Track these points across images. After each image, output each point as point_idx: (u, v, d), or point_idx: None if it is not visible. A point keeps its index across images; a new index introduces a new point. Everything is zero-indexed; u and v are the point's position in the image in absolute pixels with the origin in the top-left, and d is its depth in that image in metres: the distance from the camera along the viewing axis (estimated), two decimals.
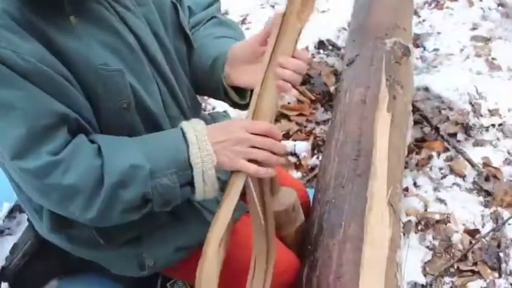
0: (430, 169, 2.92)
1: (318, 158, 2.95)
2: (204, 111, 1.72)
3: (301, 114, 3.23)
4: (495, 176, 2.84)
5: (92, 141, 1.40)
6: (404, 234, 2.47)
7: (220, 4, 1.91)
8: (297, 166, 2.96)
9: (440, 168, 2.93)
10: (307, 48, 3.68)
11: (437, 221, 2.64)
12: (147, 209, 1.43)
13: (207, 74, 1.69)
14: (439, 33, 3.90)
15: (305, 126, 3.17)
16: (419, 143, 3.04)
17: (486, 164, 2.91)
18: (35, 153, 1.32)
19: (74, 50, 1.37)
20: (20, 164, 1.33)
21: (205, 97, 2.16)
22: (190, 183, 1.45)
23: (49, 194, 1.37)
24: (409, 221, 2.61)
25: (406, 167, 2.75)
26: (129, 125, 1.50)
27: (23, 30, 1.31)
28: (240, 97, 1.69)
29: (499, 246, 2.52)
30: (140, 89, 1.49)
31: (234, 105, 1.73)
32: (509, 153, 3.00)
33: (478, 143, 3.06)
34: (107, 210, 1.37)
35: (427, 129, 3.12)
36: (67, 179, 1.33)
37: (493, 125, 3.15)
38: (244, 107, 1.71)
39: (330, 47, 3.78)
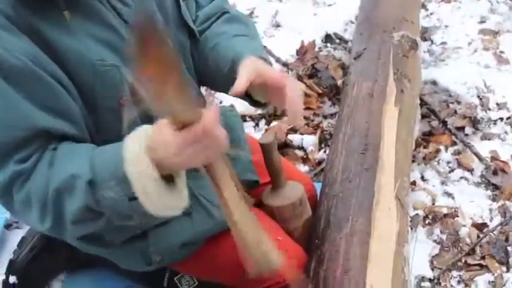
0: (438, 163, 2.91)
1: (325, 152, 2.94)
2: None
3: (308, 108, 3.22)
4: (503, 170, 2.82)
5: (55, 149, 1.34)
6: (411, 228, 2.46)
7: None
8: (304, 160, 2.95)
9: (448, 162, 2.92)
10: (314, 41, 3.67)
11: (445, 215, 2.64)
12: (103, 222, 1.33)
13: (225, 78, 1.61)
14: (446, 26, 3.88)
15: (312, 120, 3.16)
16: (426, 137, 3.03)
17: (494, 157, 2.89)
18: (2, 164, 1.30)
19: (69, 47, 1.35)
20: None
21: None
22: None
23: (11, 204, 1.33)
24: (417, 215, 2.61)
25: (413, 161, 2.75)
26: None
27: (15, 27, 1.30)
28: (261, 97, 1.64)
29: (507, 240, 2.52)
30: None
31: (254, 103, 1.69)
32: None
33: (486, 137, 3.05)
34: (59, 221, 1.31)
35: (434, 122, 3.10)
36: (25, 188, 1.29)
37: (501, 119, 3.14)
38: (264, 105, 1.70)
39: (337, 41, 3.77)
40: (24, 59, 1.28)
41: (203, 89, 1.88)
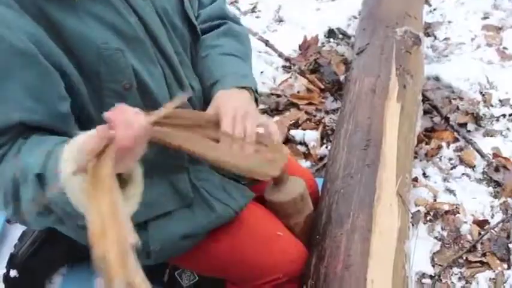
0: (440, 159, 2.90)
1: (327, 147, 2.93)
2: None
3: (310, 103, 3.22)
4: (505, 167, 2.82)
5: (26, 139, 1.33)
6: (413, 225, 2.46)
7: (225, 1, 1.91)
8: (306, 155, 2.95)
9: (450, 159, 2.91)
10: (317, 36, 3.66)
11: (446, 212, 2.63)
12: (55, 218, 1.31)
13: (205, 90, 1.70)
14: (450, 22, 3.86)
15: (314, 116, 3.15)
16: (429, 133, 3.02)
17: (496, 154, 2.89)
18: None
19: (75, 29, 1.36)
20: None
21: None
22: None
23: None
24: (418, 211, 2.60)
25: (415, 157, 2.75)
26: None
27: (21, 8, 1.31)
28: None
29: (508, 237, 2.51)
30: (142, 70, 1.48)
31: None
32: None
33: (488, 133, 3.04)
34: (17, 210, 1.30)
35: (437, 119, 3.09)
36: None
37: (504, 115, 3.13)
38: None
39: (340, 36, 3.75)
40: (26, 40, 1.29)
41: None
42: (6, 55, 1.29)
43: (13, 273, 2.08)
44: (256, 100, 1.70)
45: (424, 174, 2.83)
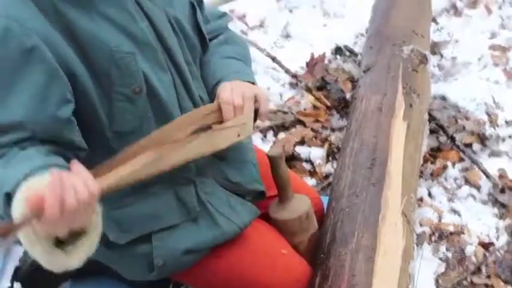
0: (445, 179, 2.89)
1: (332, 165, 2.93)
2: None
3: (316, 121, 3.21)
4: (510, 188, 2.81)
5: (22, 149, 1.31)
6: (417, 245, 2.45)
7: (229, 18, 1.96)
8: (311, 173, 2.94)
9: (455, 179, 2.91)
10: (324, 54, 3.66)
11: (451, 233, 2.62)
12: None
13: (211, 93, 1.71)
14: (457, 41, 3.87)
15: (320, 133, 3.15)
16: (434, 153, 3.01)
17: (502, 175, 2.88)
18: None
19: (89, 30, 1.38)
20: None
21: None
22: None
23: None
24: (423, 231, 2.59)
25: (420, 177, 2.74)
26: (140, 114, 1.50)
27: (35, 5, 1.32)
28: None
29: None
30: (152, 75, 1.49)
31: None
32: None
33: (494, 154, 3.03)
34: None
35: (442, 138, 3.09)
36: None
37: (510, 136, 3.12)
38: None
39: (347, 53, 3.76)
40: (37, 40, 1.31)
41: None
42: (16, 52, 1.30)
43: (17, 286, 2.08)
44: None
45: (429, 194, 2.82)
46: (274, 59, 3.58)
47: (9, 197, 1.19)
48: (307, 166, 2.98)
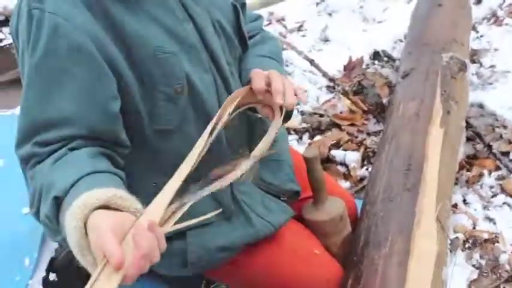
0: (481, 187, 2.88)
1: (367, 169, 2.93)
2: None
3: (352, 124, 3.22)
4: None
5: (71, 150, 1.32)
6: (451, 252, 2.44)
7: (263, 20, 1.98)
8: (346, 176, 2.95)
9: (491, 187, 2.88)
10: (362, 58, 3.67)
11: (485, 240, 2.60)
12: (61, 240, 1.22)
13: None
14: (496, 49, 3.84)
15: (356, 137, 3.16)
16: (470, 160, 3.00)
17: None
18: (26, 140, 1.33)
19: (135, 30, 1.40)
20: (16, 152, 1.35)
21: None
22: None
23: (24, 174, 1.36)
24: (457, 238, 2.58)
25: (456, 183, 2.72)
26: (180, 113, 1.52)
27: (84, 5, 1.34)
28: None
29: None
30: (194, 76, 1.51)
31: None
32: None
33: None
34: (36, 215, 1.29)
35: (479, 146, 3.07)
36: (35, 169, 1.31)
37: None
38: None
39: (385, 58, 3.76)
40: (85, 37, 1.33)
41: None
42: (64, 50, 1.32)
43: (52, 276, 2.12)
44: None
45: (464, 200, 2.81)
46: (312, 62, 3.59)
47: (57, 200, 1.20)
48: (341, 169, 2.99)
